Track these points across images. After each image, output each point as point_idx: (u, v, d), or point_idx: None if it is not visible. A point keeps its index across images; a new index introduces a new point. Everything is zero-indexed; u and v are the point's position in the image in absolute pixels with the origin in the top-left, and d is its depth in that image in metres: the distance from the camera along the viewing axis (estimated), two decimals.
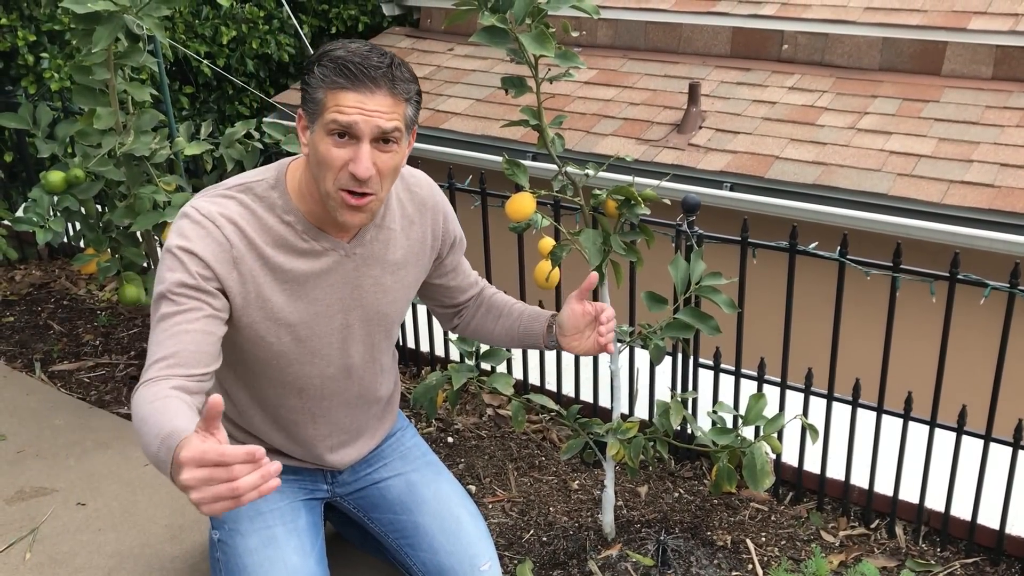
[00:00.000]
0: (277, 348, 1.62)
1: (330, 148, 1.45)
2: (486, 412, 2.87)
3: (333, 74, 1.42)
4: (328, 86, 1.43)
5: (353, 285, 1.64)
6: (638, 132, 4.98)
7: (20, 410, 2.81)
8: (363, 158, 1.43)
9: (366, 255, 1.64)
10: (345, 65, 1.42)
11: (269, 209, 1.56)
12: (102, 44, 2.31)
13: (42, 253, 4.02)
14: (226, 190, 1.57)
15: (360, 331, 1.69)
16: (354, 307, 1.66)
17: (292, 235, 1.57)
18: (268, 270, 1.56)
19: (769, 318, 2.97)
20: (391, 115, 1.44)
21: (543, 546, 2.28)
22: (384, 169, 1.47)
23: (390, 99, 1.44)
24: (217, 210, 1.53)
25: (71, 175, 2.74)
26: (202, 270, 1.48)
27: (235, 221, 1.53)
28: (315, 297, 1.61)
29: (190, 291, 1.47)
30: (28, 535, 2.23)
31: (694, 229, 2.29)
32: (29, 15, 4.62)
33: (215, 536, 1.76)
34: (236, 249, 1.52)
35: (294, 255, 1.58)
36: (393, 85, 1.44)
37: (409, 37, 6.61)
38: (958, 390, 2.59)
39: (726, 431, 2.03)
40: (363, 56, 1.43)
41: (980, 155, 4.29)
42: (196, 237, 1.49)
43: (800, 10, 5.40)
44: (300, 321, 1.61)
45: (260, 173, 1.60)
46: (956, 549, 2.28)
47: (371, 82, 1.42)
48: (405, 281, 1.72)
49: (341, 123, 1.42)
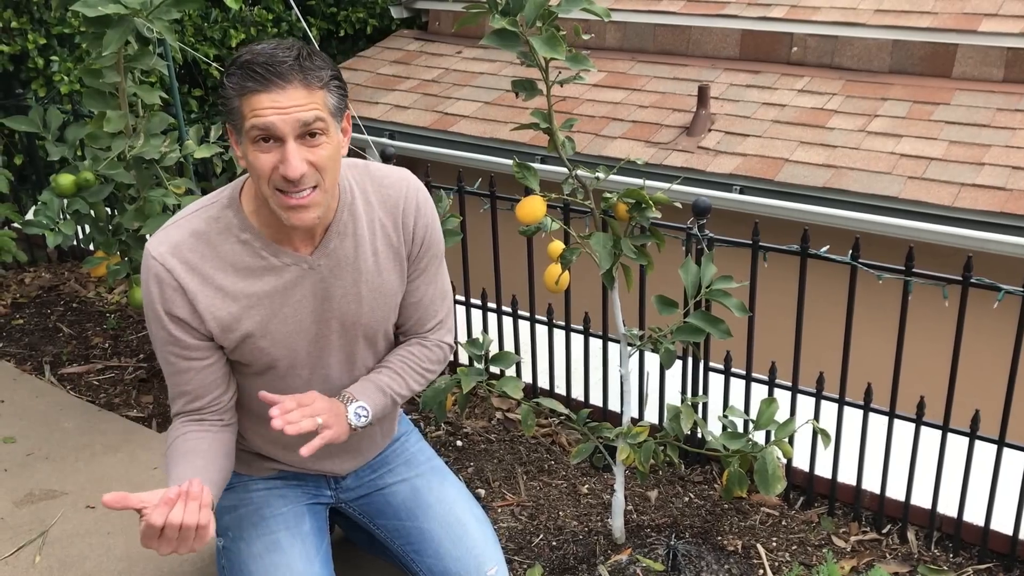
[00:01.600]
0: (256, 368, 1.62)
1: (258, 155, 1.41)
2: (495, 416, 2.87)
3: (242, 80, 1.39)
4: (239, 93, 1.39)
5: (323, 297, 1.59)
6: (647, 135, 4.97)
7: (29, 413, 2.81)
8: (290, 158, 1.39)
9: (332, 265, 1.58)
10: (251, 68, 1.38)
11: (225, 230, 1.53)
12: (112, 47, 2.31)
13: (51, 256, 4.03)
14: (182, 219, 1.55)
15: (338, 342, 1.64)
16: (328, 319, 1.61)
17: (249, 254, 1.54)
18: (230, 299, 1.54)
19: (780, 322, 2.95)
20: (308, 106, 1.39)
21: (553, 551, 2.27)
22: (319, 162, 1.42)
23: (303, 91, 1.39)
24: (167, 250, 1.52)
25: (81, 178, 2.74)
26: (177, 326, 1.55)
27: (186, 259, 1.52)
28: (284, 315, 1.57)
29: (177, 349, 1.57)
30: (38, 538, 2.23)
31: (705, 232, 2.28)
32: (39, 18, 4.64)
33: (220, 543, 1.75)
34: (189, 291, 1.52)
35: (254, 276, 1.54)
36: (304, 76, 1.39)
37: (418, 40, 6.62)
38: (971, 394, 2.58)
39: (737, 436, 2.02)
40: (268, 55, 1.38)
41: (991, 158, 4.27)
42: (156, 292, 1.53)
43: (809, 12, 5.38)
44: (273, 341, 1.58)
45: (215, 195, 1.57)
46: (969, 555, 2.26)
47: (279, 78, 1.37)
48: (384, 288, 1.65)
49: (259, 127, 1.38)
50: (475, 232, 2.87)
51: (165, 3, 2.36)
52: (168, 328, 1.54)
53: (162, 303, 1.52)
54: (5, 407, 2.85)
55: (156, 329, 1.56)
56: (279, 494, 1.79)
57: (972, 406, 2.24)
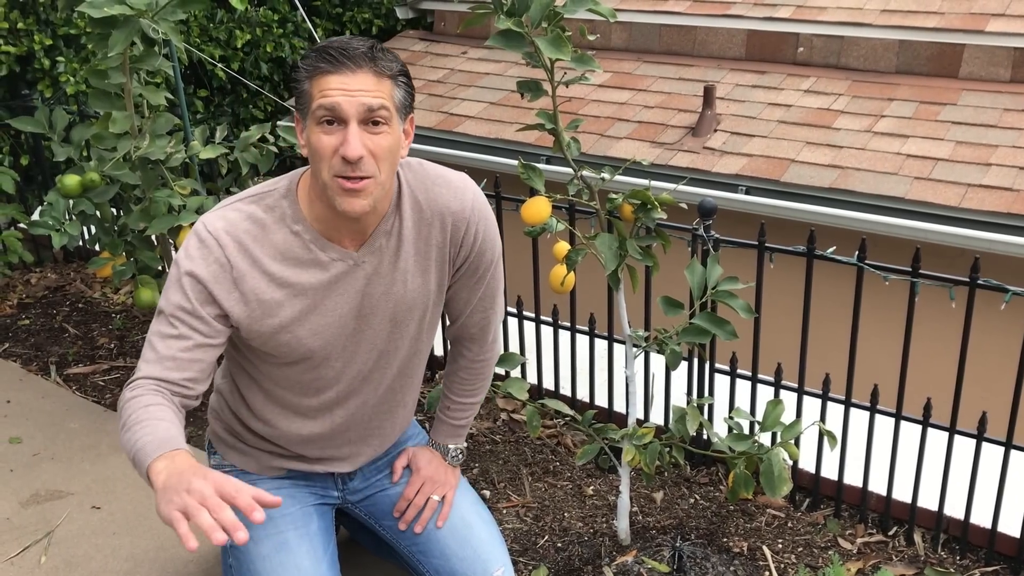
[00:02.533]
0: (290, 359, 1.62)
1: (320, 137, 1.44)
2: (500, 417, 2.86)
3: (315, 62, 1.44)
4: (311, 75, 1.44)
5: (364, 294, 1.61)
6: (653, 135, 4.96)
7: (35, 413, 2.81)
8: (351, 138, 1.42)
9: (376, 263, 1.60)
10: (326, 50, 1.43)
11: (279, 220, 1.55)
12: (118, 48, 2.31)
13: (57, 256, 4.04)
14: (239, 202, 1.57)
15: (373, 337, 1.66)
16: (367, 315, 1.63)
17: (299, 245, 1.56)
18: (276, 285, 1.55)
19: (786, 323, 2.95)
20: (375, 92, 1.43)
21: (558, 552, 2.27)
22: (378, 151, 1.45)
23: (373, 77, 1.43)
24: (223, 227, 1.53)
25: (86, 179, 2.75)
26: (199, 295, 1.52)
27: (239, 239, 1.53)
28: (326, 308, 1.59)
29: (186, 316, 1.52)
30: (44, 538, 2.24)
31: (711, 233, 2.27)
32: (46, 19, 4.65)
33: (227, 542, 1.75)
34: (236, 269, 1.52)
35: (301, 267, 1.56)
36: (375, 63, 1.44)
37: (423, 40, 6.62)
38: (978, 396, 2.57)
39: (743, 437, 2.01)
40: (343, 42, 1.44)
41: (999, 158, 4.25)
42: (199, 258, 1.52)
43: (816, 12, 5.37)
44: (311, 332, 1.60)
45: (274, 183, 1.59)
46: (976, 557, 2.25)
47: (351, 61, 1.42)
48: (423, 289, 1.66)
49: (326, 106, 1.42)
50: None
51: (171, 4, 2.36)
52: (190, 295, 1.52)
53: (200, 270, 1.51)
54: (11, 407, 2.85)
55: (175, 293, 1.52)
56: (288, 494, 1.79)
57: (979, 407, 2.23)
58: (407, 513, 1.82)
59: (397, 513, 1.83)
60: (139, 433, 1.40)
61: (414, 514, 1.82)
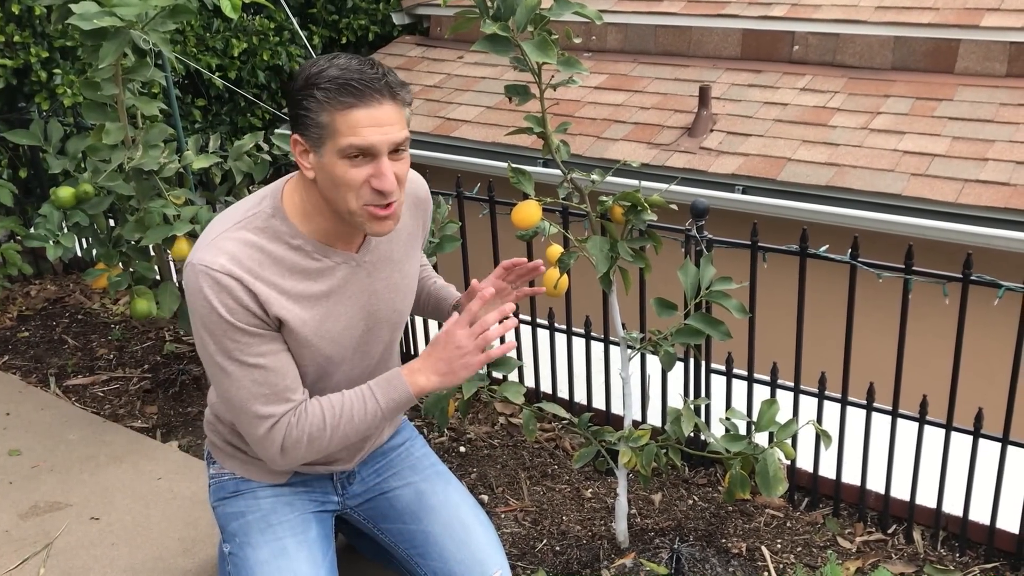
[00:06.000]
0: (306, 368, 1.63)
1: (347, 170, 1.44)
2: (498, 421, 2.86)
3: (338, 95, 1.41)
4: (335, 107, 1.41)
5: (369, 292, 1.65)
6: (649, 136, 4.97)
7: (35, 425, 2.82)
8: (387, 173, 1.45)
9: (375, 260, 1.65)
10: (348, 83, 1.41)
11: (275, 239, 1.55)
12: (109, 60, 2.32)
13: (56, 268, 4.05)
14: (226, 231, 1.53)
15: (378, 333, 1.71)
16: (373, 312, 1.67)
17: (303, 258, 1.56)
18: (292, 301, 1.55)
19: (781, 322, 2.95)
20: (400, 125, 1.46)
21: (556, 555, 2.26)
22: (401, 176, 1.50)
23: (394, 108, 1.44)
24: (227, 260, 1.50)
25: (80, 190, 2.75)
26: (257, 328, 1.52)
27: (248, 266, 1.51)
28: (338, 313, 1.61)
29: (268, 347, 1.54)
30: (42, 550, 2.24)
31: (703, 234, 2.27)
32: (42, 32, 4.66)
33: (226, 549, 1.76)
34: (261, 297, 1.51)
35: (309, 278, 1.57)
36: (394, 93, 1.45)
37: (419, 46, 6.63)
38: (975, 392, 2.56)
39: (739, 438, 2.01)
40: (359, 71, 1.42)
41: (995, 153, 4.25)
42: (228, 306, 1.49)
43: (810, 11, 5.37)
44: (328, 339, 1.61)
45: (253, 206, 1.57)
46: (975, 554, 2.25)
47: (377, 94, 1.42)
48: (410, 273, 1.75)
49: (360, 147, 1.42)
50: (475, 237, 2.86)
51: (160, 15, 2.37)
52: (252, 331, 1.51)
53: (239, 309, 1.49)
54: (11, 419, 2.86)
55: (231, 341, 1.50)
56: (286, 501, 1.79)
57: (976, 404, 2.23)
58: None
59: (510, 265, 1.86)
60: (356, 409, 1.58)
61: None
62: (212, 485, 1.83)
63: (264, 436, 1.55)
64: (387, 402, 1.58)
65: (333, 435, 1.57)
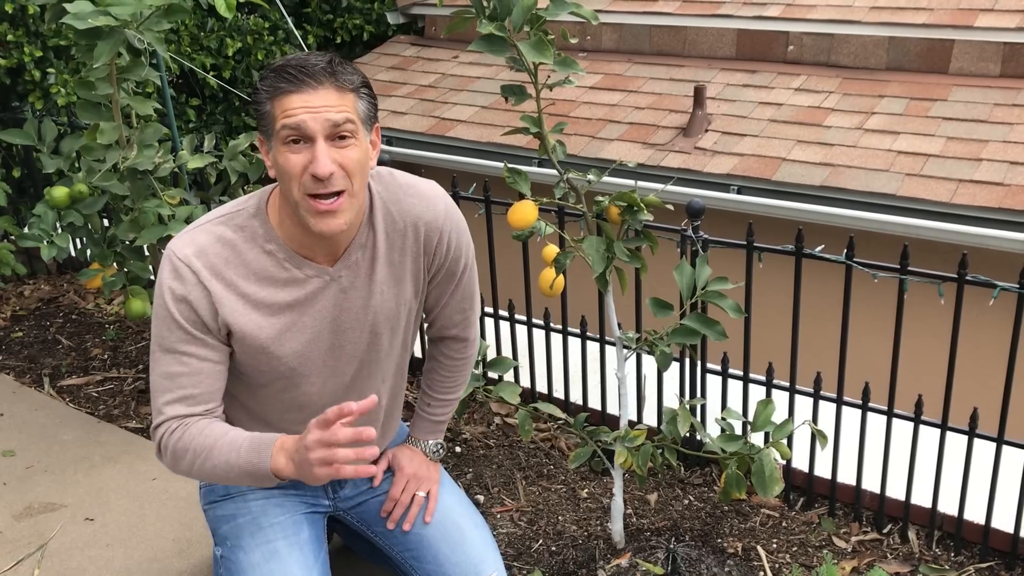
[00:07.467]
0: (271, 376, 1.62)
1: (288, 157, 1.43)
2: (494, 421, 2.86)
3: (274, 82, 1.43)
4: (272, 95, 1.43)
5: (341, 308, 1.61)
6: (644, 136, 4.97)
7: (29, 425, 2.81)
8: (319, 155, 1.41)
9: (352, 277, 1.60)
10: (284, 70, 1.42)
11: (250, 240, 1.55)
12: (103, 59, 2.31)
13: (51, 268, 4.04)
14: (208, 223, 1.55)
15: (353, 351, 1.66)
16: (345, 329, 1.63)
17: (273, 264, 1.55)
18: (251, 306, 1.55)
19: (777, 322, 2.95)
20: (339, 107, 1.42)
21: (552, 556, 2.26)
22: (347, 164, 1.44)
23: (335, 92, 1.43)
24: (193, 252, 1.52)
25: (75, 190, 2.74)
26: (195, 328, 1.53)
27: (212, 263, 1.52)
28: (303, 324, 1.59)
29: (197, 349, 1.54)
30: (37, 551, 2.23)
31: (699, 234, 2.27)
32: (35, 31, 4.64)
33: (218, 553, 1.75)
34: (214, 295, 1.52)
35: (277, 286, 1.56)
36: (335, 79, 1.43)
37: (414, 45, 6.62)
38: (970, 392, 2.57)
39: (734, 438, 2.01)
40: (301, 60, 1.43)
41: (989, 153, 4.26)
42: (179, 295, 1.52)
43: (805, 11, 5.38)
44: (291, 350, 1.59)
45: (242, 202, 1.58)
46: (970, 553, 2.25)
47: (312, 79, 1.41)
48: (399, 299, 1.66)
49: (290, 126, 1.41)
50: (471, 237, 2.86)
51: (155, 14, 2.36)
52: (187, 328, 1.52)
53: (184, 303, 1.51)
54: (4, 420, 2.85)
55: (167, 330, 1.53)
56: (276, 503, 1.78)
57: (971, 403, 2.24)
58: (394, 512, 1.82)
59: (384, 514, 1.83)
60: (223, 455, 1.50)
61: (401, 512, 1.81)
62: (203, 488, 1.82)
63: (153, 429, 1.57)
64: (247, 463, 1.48)
65: (204, 463, 1.52)
